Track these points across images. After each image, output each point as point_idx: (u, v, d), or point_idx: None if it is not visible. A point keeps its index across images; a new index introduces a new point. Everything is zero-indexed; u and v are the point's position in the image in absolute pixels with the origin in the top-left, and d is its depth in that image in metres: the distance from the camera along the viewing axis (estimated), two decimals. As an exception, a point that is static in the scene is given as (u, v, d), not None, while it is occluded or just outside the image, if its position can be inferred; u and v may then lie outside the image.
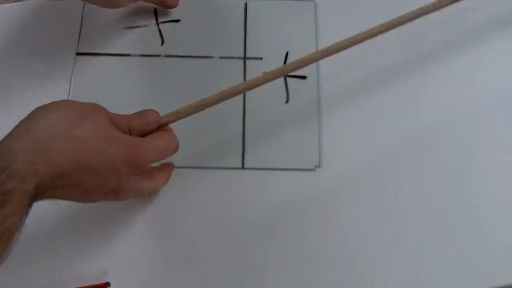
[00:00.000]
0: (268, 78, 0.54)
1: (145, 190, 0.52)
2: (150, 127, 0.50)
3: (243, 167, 0.58)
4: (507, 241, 0.54)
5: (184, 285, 0.53)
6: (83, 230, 0.55)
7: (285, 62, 0.63)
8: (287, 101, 0.62)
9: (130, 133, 0.49)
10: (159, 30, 0.65)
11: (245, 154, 0.59)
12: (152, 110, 0.51)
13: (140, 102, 0.61)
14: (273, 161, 0.58)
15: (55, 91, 0.61)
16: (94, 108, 0.46)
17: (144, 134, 0.50)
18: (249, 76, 0.63)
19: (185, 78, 0.63)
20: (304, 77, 0.62)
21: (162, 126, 0.51)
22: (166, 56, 0.63)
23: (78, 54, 0.63)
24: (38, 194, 0.40)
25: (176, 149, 0.52)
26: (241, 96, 0.61)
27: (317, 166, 0.58)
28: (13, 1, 0.65)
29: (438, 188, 0.57)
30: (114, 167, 0.44)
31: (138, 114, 0.50)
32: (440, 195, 0.57)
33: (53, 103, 0.44)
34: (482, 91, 0.63)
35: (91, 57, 0.63)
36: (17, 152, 0.38)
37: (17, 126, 0.42)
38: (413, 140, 0.60)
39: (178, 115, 0.52)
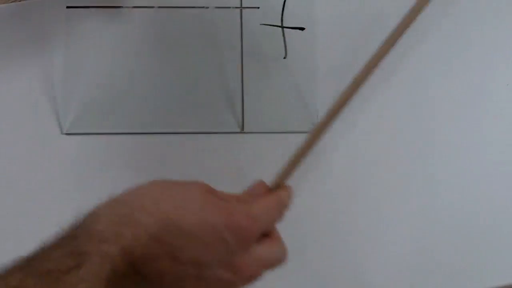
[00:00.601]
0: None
1: (272, 259, 0.41)
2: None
3: (242, 131, 0.59)
4: (507, 241, 0.55)
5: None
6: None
7: (282, 11, 0.60)
8: (285, 57, 0.61)
9: None
10: (151, -21, 0.61)
11: (245, 117, 0.59)
12: (259, 182, 0.44)
13: (135, 54, 0.61)
14: (274, 124, 0.59)
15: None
16: (191, 181, 0.41)
17: None
18: (246, 27, 0.60)
19: (180, 30, 0.61)
20: (302, 29, 0.60)
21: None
22: (160, 7, 0.61)
23: (68, 7, 0.61)
24: (126, 263, 0.35)
25: (288, 206, 0.43)
26: (238, 53, 0.60)
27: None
28: (12, 1, 0.61)
29: (437, 183, 0.58)
30: (216, 233, 0.37)
31: (246, 193, 0.44)
32: (438, 193, 0.57)
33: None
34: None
35: (82, 10, 0.61)
36: (101, 215, 0.36)
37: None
38: (418, 109, 0.60)
39: (283, 177, 0.44)
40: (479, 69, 0.61)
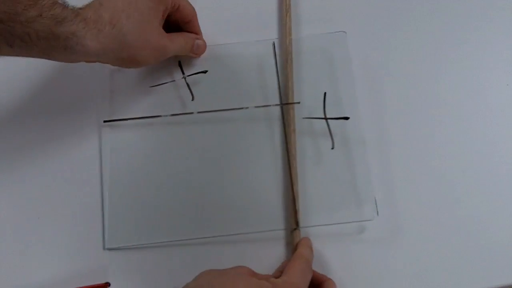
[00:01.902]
0: None
1: None
2: None
3: (297, 227, 0.55)
4: (507, 241, 0.54)
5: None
6: (83, 229, 0.56)
7: (324, 103, 0.59)
8: (333, 147, 0.58)
9: None
10: (188, 84, 0.61)
11: (298, 213, 0.55)
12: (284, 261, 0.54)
13: (179, 165, 0.58)
14: (330, 216, 0.55)
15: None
16: (235, 267, 0.49)
17: None
18: (288, 123, 0.59)
19: (223, 132, 0.60)
20: (347, 118, 0.59)
21: None
22: (199, 112, 0.60)
23: (105, 121, 0.60)
24: None
25: (311, 254, 0.53)
26: (283, 149, 0.58)
27: (373, 217, 0.55)
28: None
29: (439, 185, 0.57)
30: None
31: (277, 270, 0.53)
32: (440, 193, 0.56)
33: None
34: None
35: (119, 123, 0.60)
36: None
37: None
38: (417, 109, 0.60)
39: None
40: (479, 69, 0.61)
